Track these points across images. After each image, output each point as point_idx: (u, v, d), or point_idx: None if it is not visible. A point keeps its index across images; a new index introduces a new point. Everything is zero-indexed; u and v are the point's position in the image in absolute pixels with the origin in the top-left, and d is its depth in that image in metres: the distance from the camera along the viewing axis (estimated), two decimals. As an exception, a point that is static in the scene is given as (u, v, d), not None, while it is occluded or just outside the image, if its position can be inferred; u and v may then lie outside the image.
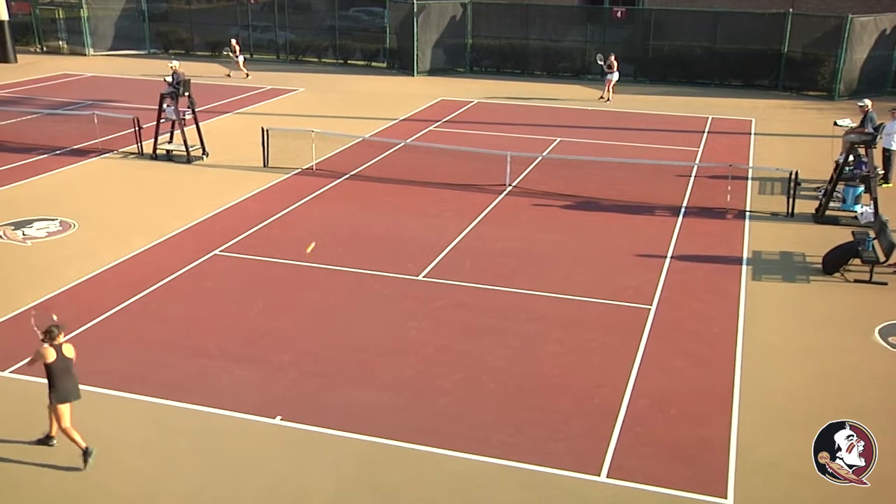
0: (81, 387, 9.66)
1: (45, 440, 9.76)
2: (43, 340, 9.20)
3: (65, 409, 9.28)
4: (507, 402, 10.78)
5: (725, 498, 9.01)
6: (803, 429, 10.23)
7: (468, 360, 11.80)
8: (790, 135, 25.47)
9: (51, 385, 9.25)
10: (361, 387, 11.10)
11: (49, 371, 9.22)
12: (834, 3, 32.71)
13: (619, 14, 34.98)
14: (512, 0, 36.22)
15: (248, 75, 34.03)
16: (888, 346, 12.35)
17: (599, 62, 30.27)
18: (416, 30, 34.57)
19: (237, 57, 34.43)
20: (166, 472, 9.39)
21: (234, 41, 35.15)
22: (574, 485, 9.23)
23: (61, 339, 9.29)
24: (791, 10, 31.89)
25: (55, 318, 9.65)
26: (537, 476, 9.35)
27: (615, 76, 30.00)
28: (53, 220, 17.16)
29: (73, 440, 9.36)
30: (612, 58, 29.88)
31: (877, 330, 12.82)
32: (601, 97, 30.32)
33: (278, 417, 10.34)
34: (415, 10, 34.12)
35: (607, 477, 9.34)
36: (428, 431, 10.11)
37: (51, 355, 9.17)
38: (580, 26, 35.64)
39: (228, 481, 9.25)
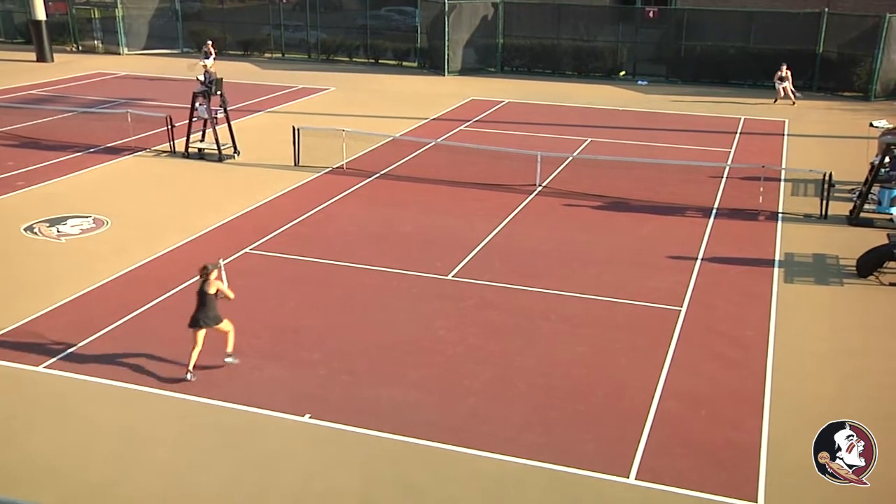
0: (116, 383, 10.16)
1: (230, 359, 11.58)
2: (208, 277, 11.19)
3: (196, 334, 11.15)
4: (536, 403, 10.75)
5: (756, 502, 8.93)
6: (836, 433, 10.12)
7: (497, 360, 11.79)
8: (824, 136, 25.16)
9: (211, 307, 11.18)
10: (390, 385, 11.13)
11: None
12: (871, 3, 32.22)
13: (651, 14, 34.77)
14: (543, 0, 36.12)
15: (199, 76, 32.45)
16: (924, 351, 12.17)
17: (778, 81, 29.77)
18: (447, 29, 34.59)
19: (204, 59, 32.57)
20: (196, 468, 9.48)
21: (209, 43, 33.56)
22: (603, 486, 9.19)
23: (211, 278, 11.15)
24: (826, 9, 31.48)
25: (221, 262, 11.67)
26: (566, 477, 9.33)
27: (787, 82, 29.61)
28: (87, 217, 17.38)
29: (190, 357, 11.17)
30: (785, 67, 29.54)
31: (912, 334, 12.65)
32: (792, 102, 29.44)
33: (307, 415, 10.40)
34: (446, 9, 34.14)
35: (636, 479, 9.29)
36: (456, 430, 10.12)
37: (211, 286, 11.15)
38: (612, 26, 35.46)
39: (257, 478, 9.32)
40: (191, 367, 11.17)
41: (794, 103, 29.48)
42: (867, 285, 14.49)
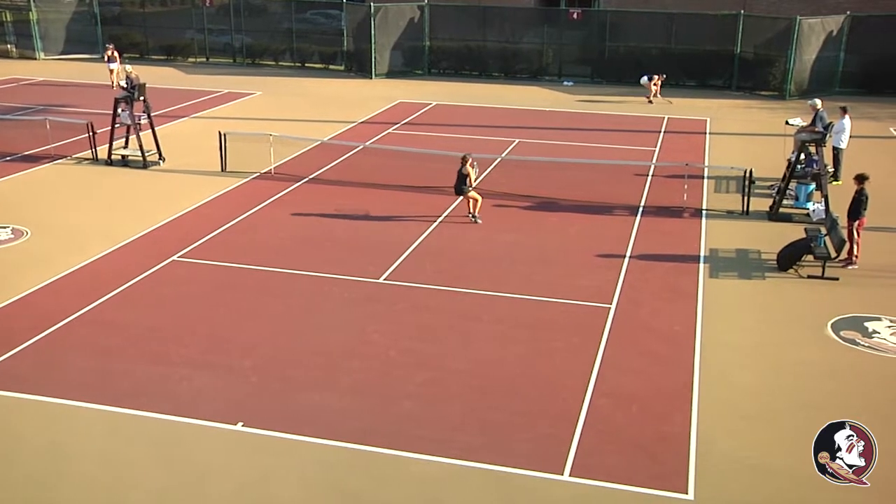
0: (40, 398, 10.19)
1: (473, 218, 17.36)
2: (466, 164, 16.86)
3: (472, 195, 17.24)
4: (470, 404, 10.81)
5: (686, 493, 9.14)
6: (761, 423, 10.44)
7: (431, 363, 11.82)
8: (744, 134, 25.90)
9: (465, 185, 16.97)
10: (324, 391, 11.06)
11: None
12: (783, 6, 33.32)
13: (575, 16, 35.26)
14: (469, 2, 36.33)
15: (115, 86, 29.83)
16: (840, 340, 12.62)
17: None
18: (373, 32, 34.51)
19: (111, 64, 31.75)
20: (126, 482, 9.27)
21: (110, 46, 32.54)
22: (538, 484, 9.29)
23: (467, 165, 16.87)
24: (743, 11, 32.42)
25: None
26: (501, 476, 9.40)
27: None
28: (5, 227, 16.84)
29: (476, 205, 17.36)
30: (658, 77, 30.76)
31: (829, 324, 13.09)
32: (649, 101, 30.70)
33: (240, 423, 10.27)
34: (372, 12, 34.07)
35: (570, 475, 9.42)
36: (392, 434, 10.11)
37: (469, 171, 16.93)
38: (537, 28, 35.87)
39: (190, 489, 9.16)
40: (473, 211, 17.32)
41: (650, 102, 30.66)
42: (787, 278, 14.96)
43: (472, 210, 17.35)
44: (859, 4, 31.82)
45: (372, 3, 33.99)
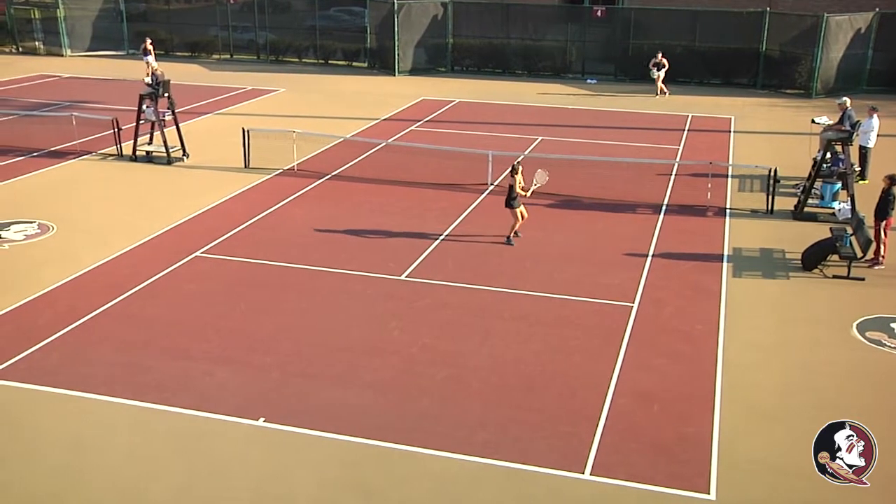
0: (64, 391, 10.31)
1: (512, 236, 16.15)
2: (512, 174, 15.76)
3: (515, 212, 15.89)
4: (490, 401, 10.80)
5: (708, 493, 9.07)
6: (784, 424, 10.34)
7: (451, 360, 11.81)
8: (769, 132, 25.66)
9: (512, 198, 15.79)
10: (345, 387, 11.09)
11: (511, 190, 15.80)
12: (809, 3, 32.98)
13: (598, 13, 35.10)
14: (492, 0, 36.28)
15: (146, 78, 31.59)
16: (865, 341, 12.47)
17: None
18: (396, 29, 34.55)
19: (145, 56, 32.00)
20: (148, 475, 9.34)
21: (148, 40, 32.93)
22: (558, 483, 9.26)
23: (518, 175, 15.64)
24: (769, 9, 32.13)
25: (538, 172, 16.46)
26: (521, 474, 9.38)
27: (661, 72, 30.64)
28: (31, 222, 17.02)
29: (513, 226, 16.11)
30: (661, 55, 30.57)
31: (854, 325, 12.94)
32: (665, 94, 30.73)
33: (261, 419, 10.31)
34: (395, 9, 34.10)
35: (591, 474, 9.38)
36: (411, 431, 10.11)
37: (515, 182, 15.68)
38: (560, 25, 35.75)
39: (211, 483, 9.22)
40: (510, 234, 16.05)
41: (666, 95, 30.41)
42: (812, 278, 14.81)
43: (512, 230, 16.06)
44: (889, 1, 31.42)
45: (395, 1, 34.03)
